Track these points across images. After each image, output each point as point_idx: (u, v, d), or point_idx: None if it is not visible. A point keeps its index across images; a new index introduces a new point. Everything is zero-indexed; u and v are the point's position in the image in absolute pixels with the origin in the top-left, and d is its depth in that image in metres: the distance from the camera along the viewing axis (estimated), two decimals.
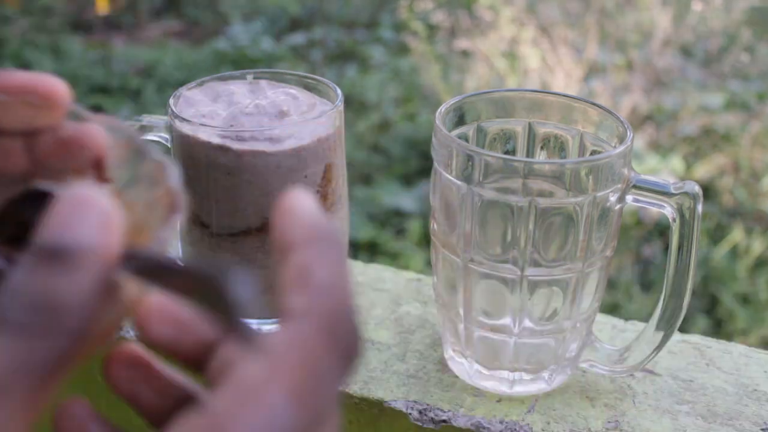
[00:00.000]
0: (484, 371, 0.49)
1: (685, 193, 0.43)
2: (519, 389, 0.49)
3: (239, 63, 3.07)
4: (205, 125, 0.48)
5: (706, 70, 2.89)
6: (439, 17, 2.98)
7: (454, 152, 0.44)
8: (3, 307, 0.22)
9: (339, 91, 0.52)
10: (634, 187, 0.44)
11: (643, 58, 2.66)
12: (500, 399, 0.49)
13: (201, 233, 0.51)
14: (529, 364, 0.48)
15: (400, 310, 0.57)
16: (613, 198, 0.44)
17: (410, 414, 0.48)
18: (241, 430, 0.21)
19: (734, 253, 1.96)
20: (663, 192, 0.44)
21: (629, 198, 0.45)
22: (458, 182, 0.44)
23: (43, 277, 0.22)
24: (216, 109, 0.51)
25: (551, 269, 0.44)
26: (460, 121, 0.49)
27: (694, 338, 0.55)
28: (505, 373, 0.48)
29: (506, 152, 0.50)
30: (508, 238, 0.44)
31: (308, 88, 0.54)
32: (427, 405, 0.48)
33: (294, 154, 0.48)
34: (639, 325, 0.56)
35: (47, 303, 0.22)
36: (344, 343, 0.24)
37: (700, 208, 0.43)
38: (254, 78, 0.55)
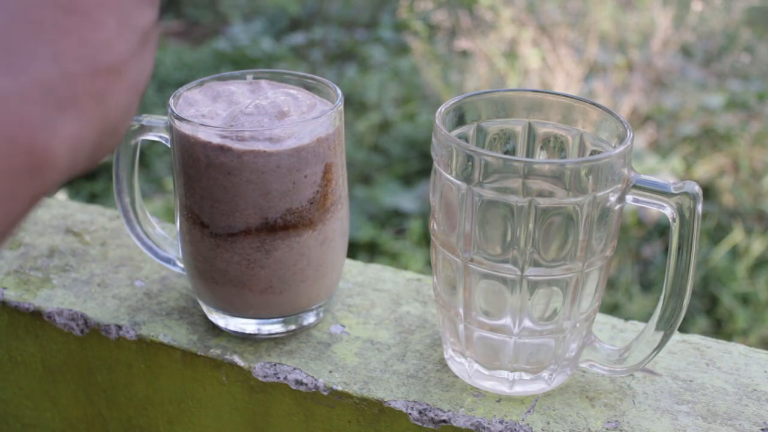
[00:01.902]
0: (484, 371, 0.49)
1: (685, 193, 0.43)
2: (519, 389, 0.49)
3: (239, 63, 3.07)
4: (205, 125, 0.48)
5: (706, 70, 2.89)
6: (439, 17, 2.99)
7: (454, 152, 0.44)
8: None
9: (339, 91, 0.52)
10: (634, 187, 0.44)
11: (643, 58, 2.66)
12: (500, 399, 0.49)
13: (201, 233, 0.51)
14: (529, 364, 0.48)
15: (400, 310, 0.57)
16: (613, 198, 0.44)
17: (410, 414, 0.48)
18: None
19: (734, 253, 1.96)
20: (663, 192, 0.44)
21: (629, 198, 0.45)
22: (458, 182, 0.44)
23: None
24: (216, 109, 0.51)
25: (551, 269, 0.44)
26: (460, 121, 0.49)
27: (694, 338, 0.55)
28: (504, 373, 0.48)
29: (506, 152, 0.50)
30: (508, 238, 0.44)
31: (308, 88, 0.54)
32: (427, 405, 0.48)
33: (294, 154, 0.48)
34: (639, 325, 0.56)
35: None
36: None
37: (700, 208, 0.43)
38: (254, 78, 0.55)
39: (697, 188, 0.43)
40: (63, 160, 0.27)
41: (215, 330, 0.55)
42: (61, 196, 1.80)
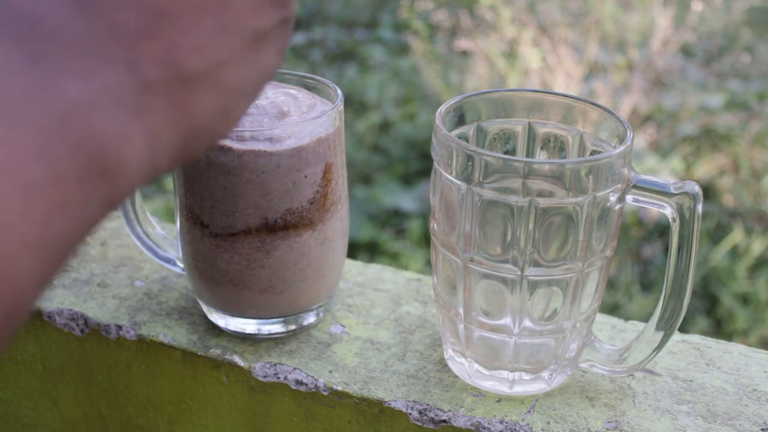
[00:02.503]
0: (484, 371, 0.49)
1: (685, 193, 0.43)
2: (519, 389, 0.49)
3: None
4: None
5: (706, 70, 2.89)
6: (440, 17, 2.99)
7: (454, 152, 0.44)
8: None
9: (339, 91, 0.52)
10: (634, 187, 0.44)
11: (643, 58, 2.66)
12: (500, 399, 0.49)
13: (201, 233, 0.51)
14: (529, 364, 0.48)
15: (400, 310, 0.57)
16: (613, 198, 0.44)
17: (410, 414, 0.48)
18: None
19: (734, 253, 1.96)
20: (663, 192, 0.44)
21: (629, 198, 0.45)
22: (458, 182, 0.44)
23: None
24: None
25: (551, 269, 0.44)
26: (460, 121, 0.49)
27: (694, 338, 0.55)
28: (504, 373, 0.48)
29: (506, 152, 0.50)
30: (508, 238, 0.44)
31: (308, 88, 0.54)
32: (427, 405, 0.48)
33: (294, 154, 0.48)
34: (639, 325, 0.56)
35: None
36: None
37: (700, 208, 0.43)
38: None
39: (697, 188, 0.43)
40: (136, 166, 0.26)
41: (215, 330, 0.55)
42: None
